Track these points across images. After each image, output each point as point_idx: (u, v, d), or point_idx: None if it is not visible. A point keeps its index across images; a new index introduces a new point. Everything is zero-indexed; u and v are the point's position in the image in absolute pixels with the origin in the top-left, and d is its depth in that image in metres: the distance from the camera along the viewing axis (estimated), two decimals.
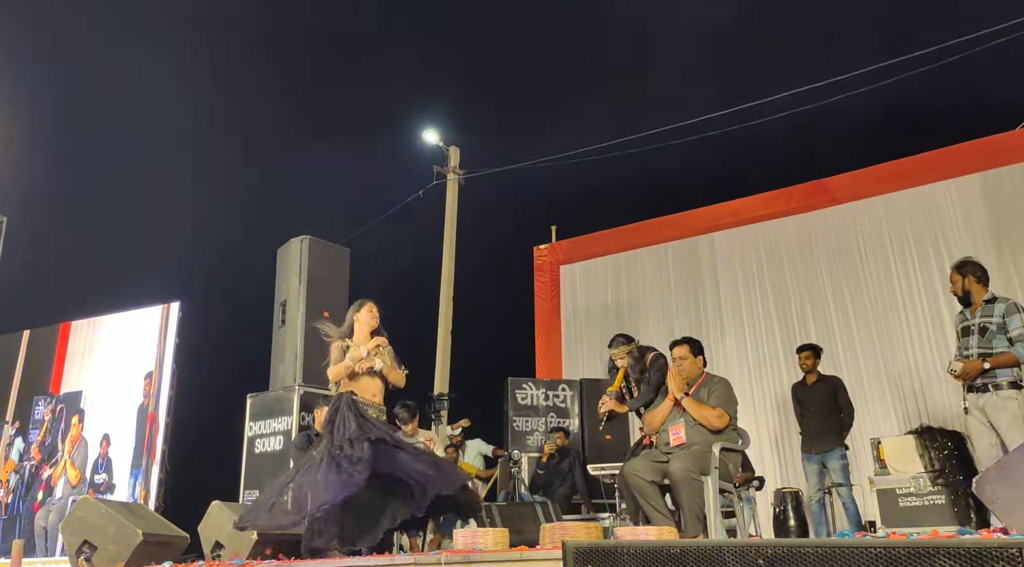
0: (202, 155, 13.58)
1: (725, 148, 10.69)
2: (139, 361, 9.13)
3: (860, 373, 8.32)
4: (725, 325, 9.41)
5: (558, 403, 9.00)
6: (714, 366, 6.86)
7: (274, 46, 14.37)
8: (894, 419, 8.04)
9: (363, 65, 15.35)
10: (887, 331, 8.39)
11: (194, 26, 13.90)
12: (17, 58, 11.81)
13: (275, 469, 6.88)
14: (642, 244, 10.40)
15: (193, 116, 13.45)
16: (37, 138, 12.06)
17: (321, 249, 7.62)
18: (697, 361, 4.75)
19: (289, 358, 7.26)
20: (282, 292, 7.63)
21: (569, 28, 14.35)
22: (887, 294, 8.51)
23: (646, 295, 10.15)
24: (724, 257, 9.69)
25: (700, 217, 10.06)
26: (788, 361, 8.57)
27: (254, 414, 7.31)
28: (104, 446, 8.99)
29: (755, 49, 13.20)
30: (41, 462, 9.38)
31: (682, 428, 4.50)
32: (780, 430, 8.56)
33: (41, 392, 9.86)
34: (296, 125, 14.45)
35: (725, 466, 4.37)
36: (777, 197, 9.56)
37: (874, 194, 8.91)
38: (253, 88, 14.33)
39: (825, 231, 9.11)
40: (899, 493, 5.89)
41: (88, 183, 13.10)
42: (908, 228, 8.59)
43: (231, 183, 13.72)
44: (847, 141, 11.69)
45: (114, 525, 4.54)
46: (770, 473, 8.11)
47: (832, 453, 6.40)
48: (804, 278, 9.07)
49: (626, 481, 4.44)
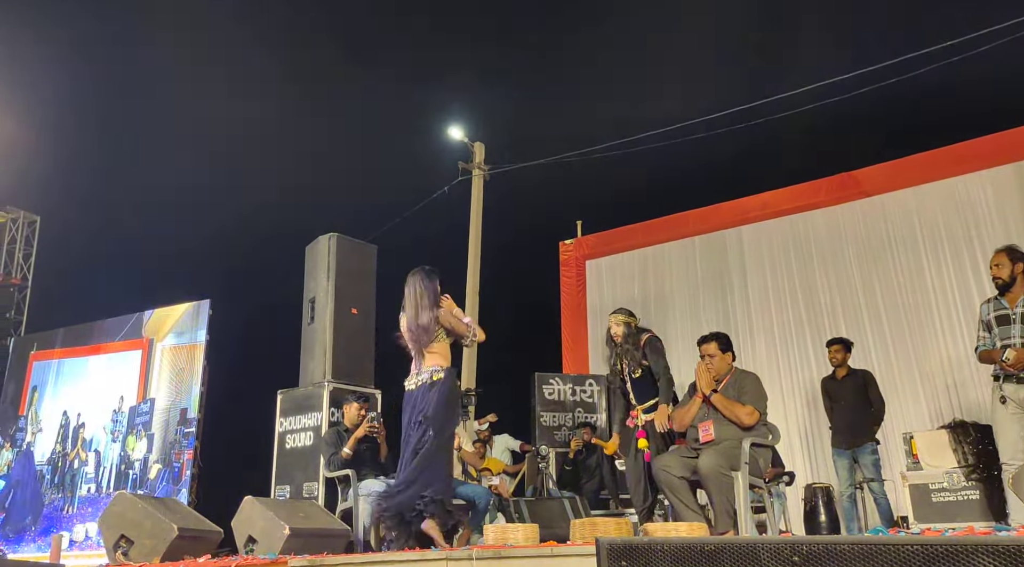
0: (233, 155, 13.72)
1: (752, 141, 10.60)
2: (171, 358, 9.26)
3: (891, 367, 8.24)
4: (753, 319, 9.34)
5: (585, 398, 9.00)
6: (743, 361, 6.80)
7: (299, 45, 14.47)
8: (926, 413, 7.95)
9: (386, 64, 15.40)
10: (918, 325, 8.30)
11: (213, 27, 14.02)
12: (51, 61, 12.00)
13: (305, 465, 6.95)
14: (668, 238, 10.36)
15: (223, 117, 13.58)
16: (72, 140, 12.26)
17: (349, 246, 7.66)
18: (726, 357, 4.72)
19: (318, 354, 7.31)
20: (311, 289, 7.67)
21: (596, 23, 14.31)
22: (918, 287, 8.41)
23: (673, 290, 10.11)
24: (752, 251, 9.62)
25: (727, 211, 10.00)
26: (818, 355, 8.50)
27: (284, 410, 7.37)
28: (137, 441, 9.14)
29: (780, 41, 13.08)
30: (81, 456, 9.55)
31: (711, 425, 4.48)
32: (810, 425, 8.49)
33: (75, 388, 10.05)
34: (322, 124, 14.55)
35: (755, 461, 4.35)
36: (805, 190, 9.47)
37: (904, 186, 8.80)
38: (280, 89, 14.44)
39: (855, 224, 9.02)
40: (932, 488, 5.82)
41: (121, 183, 13.28)
42: (940, 220, 8.47)
43: (261, 182, 13.86)
44: (877, 132, 11.55)
45: (150, 520, 4.60)
46: (800, 468, 8.06)
47: (864, 448, 6.34)
48: (833, 271, 8.99)
49: (657, 477, 4.44)
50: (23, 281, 11.52)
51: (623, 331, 5.29)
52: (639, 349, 5.18)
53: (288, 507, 5.11)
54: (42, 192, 12.11)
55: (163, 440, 8.97)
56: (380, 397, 7.27)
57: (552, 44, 14.54)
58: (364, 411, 6.24)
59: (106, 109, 13.25)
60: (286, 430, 7.27)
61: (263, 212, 13.75)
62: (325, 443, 6.18)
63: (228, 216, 13.44)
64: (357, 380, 7.28)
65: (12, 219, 11.72)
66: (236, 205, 13.65)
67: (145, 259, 12.52)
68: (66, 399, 10.04)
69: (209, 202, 13.57)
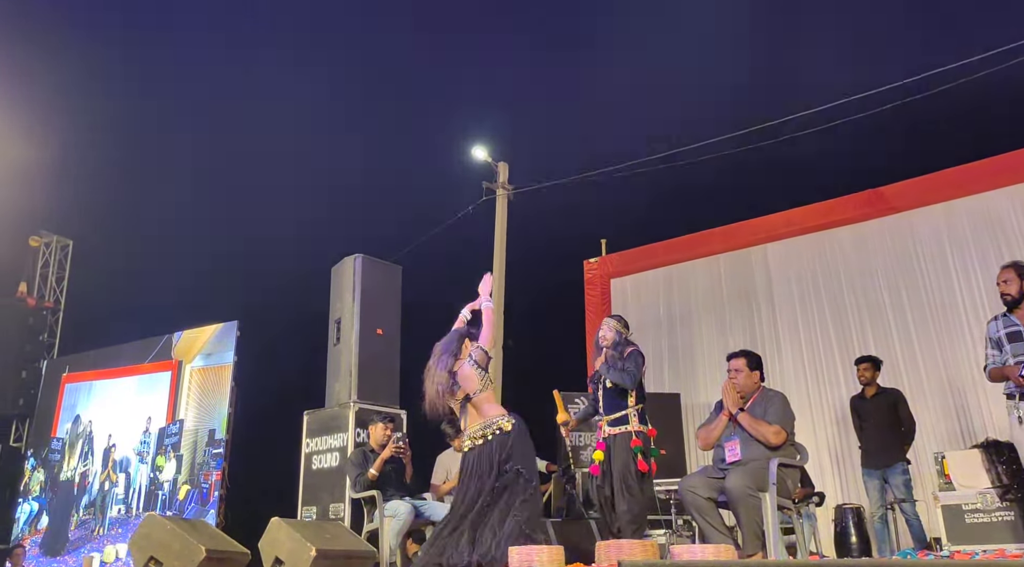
0: (261, 178, 13.91)
1: (776, 158, 10.54)
2: (201, 379, 9.36)
3: (921, 385, 8.11)
4: (781, 337, 9.26)
5: None
6: (771, 380, 6.75)
7: (327, 64, 14.66)
8: (958, 433, 7.81)
9: (411, 86, 15.56)
10: (949, 342, 8.17)
11: (241, 51, 14.27)
12: (84, 89, 12.26)
13: (332, 485, 6.98)
14: (693, 256, 10.31)
15: (251, 141, 13.79)
16: (103, 165, 12.49)
17: (374, 267, 7.73)
18: (753, 375, 4.68)
19: (344, 375, 7.36)
20: (336, 310, 7.74)
21: (617, 36, 14.36)
22: (948, 304, 8.29)
23: (699, 308, 10.05)
24: (779, 268, 9.55)
25: (752, 228, 9.94)
26: (847, 374, 8.40)
27: (311, 431, 7.42)
28: (166, 462, 9.22)
29: (804, 57, 13.04)
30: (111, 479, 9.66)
31: (737, 444, 4.45)
32: (840, 444, 8.38)
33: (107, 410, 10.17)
34: (346, 147, 14.70)
35: (783, 482, 4.31)
36: (832, 207, 9.40)
37: (932, 202, 8.70)
38: (307, 113, 14.61)
39: (882, 241, 8.93)
40: (965, 509, 5.71)
41: (151, 207, 13.50)
42: (969, 236, 8.36)
43: (287, 204, 14.01)
44: (905, 147, 11.45)
45: (179, 541, 4.65)
46: (830, 488, 7.95)
47: (894, 468, 6.25)
48: (861, 289, 8.89)
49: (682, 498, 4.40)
50: (56, 304, 11.72)
51: (613, 337, 5.27)
52: (623, 358, 5.14)
53: (315, 528, 5.13)
54: (74, 217, 12.34)
55: (192, 461, 9.05)
56: (405, 417, 7.30)
57: (575, 61, 14.61)
58: (390, 431, 6.27)
59: (137, 134, 13.50)
60: (312, 451, 7.31)
61: (289, 234, 13.91)
62: (351, 463, 6.21)
63: (255, 238, 13.61)
64: (382, 400, 7.32)
65: (46, 243, 11.94)
66: (263, 227, 13.82)
67: (174, 281, 12.69)
68: (97, 421, 10.17)
69: (237, 224, 13.74)
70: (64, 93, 11.88)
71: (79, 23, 12.92)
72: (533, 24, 15.02)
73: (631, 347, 5.22)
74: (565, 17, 14.90)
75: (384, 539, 5.63)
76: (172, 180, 13.73)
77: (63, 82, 11.90)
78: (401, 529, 5.68)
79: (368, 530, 5.89)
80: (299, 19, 14.68)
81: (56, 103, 11.73)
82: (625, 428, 5.02)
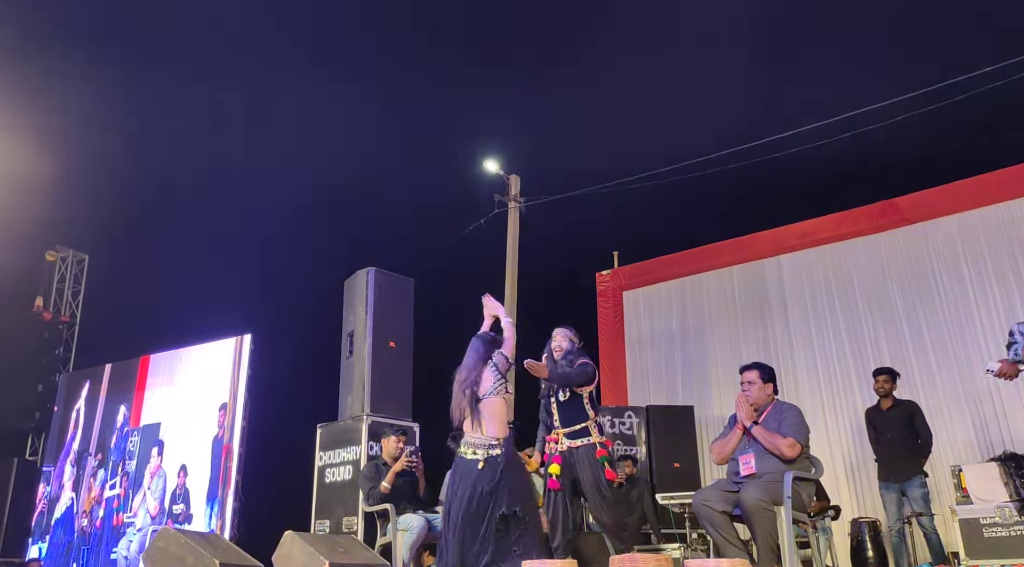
0: (272, 193, 13.99)
1: (788, 169, 10.52)
2: (214, 393, 9.39)
3: (937, 398, 8.05)
4: (795, 350, 9.22)
5: (624, 430, 8.92)
6: (785, 392, 6.71)
7: (342, 80, 14.75)
8: (975, 445, 7.74)
9: (422, 98, 15.64)
10: (965, 354, 8.12)
11: (255, 64, 14.38)
12: (98, 106, 12.38)
13: (345, 499, 6.97)
14: (706, 268, 10.31)
15: (265, 155, 13.89)
16: (118, 180, 12.58)
17: (386, 280, 7.75)
18: (766, 387, 4.65)
19: (357, 388, 7.37)
20: (349, 323, 7.76)
21: (629, 49, 14.38)
22: (964, 315, 8.24)
23: (712, 320, 10.03)
24: (791, 280, 9.52)
25: (765, 240, 9.93)
26: (861, 386, 8.36)
27: (324, 444, 7.43)
28: (182, 477, 9.25)
29: (815, 68, 13.03)
30: (127, 493, 9.69)
31: (752, 457, 4.42)
32: (855, 457, 8.32)
33: (122, 425, 10.22)
34: (359, 159, 14.77)
35: (799, 495, 4.27)
36: (845, 218, 9.38)
37: (947, 213, 8.68)
38: (320, 127, 14.71)
39: (896, 252, 8.90)
40: (983, 523, 5.65)
41: (164, 221, 13.60)
42: (984, 247, 8.32)
43: (299, 218, 14.08)
44: (915, 159, 11.41)
45: (193, 555, 4.66)
46: (846, 502, 7.89)
47: (912, 481, 6.19)
48: (876, 300, 8.85)
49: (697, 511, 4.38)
50: (71, 318, 11.80)
51: (567, 346, 5.23)
52: (571, 366, 5.08)
53: (328, 542, 5.13)
54: (90, 231, 12.45)
55: (205, 474, 9.07)
56: (418, 430, 7.30)
57: (586, 77, 14.65)
58: (402, 444, 6.26)
59: (151, 149, 13.61)
60: (325, 464, 7.32)
61: (302, 247, 13.97)
62: (364, 476, 6.21)
63: (268, 252, 13.69)
64: (395, 413, 7.32)
65: (62, 258, 12.04)
66: (275, 241, 13.89)
67: (188, 295, 12.75)
68: (112, 434, 10.21)
69: (249, 239, 13.82)
70: (81, 110, 12.00)
71: (100, 40, 13.07)
72: (545, 37, 15.08)
73: (583, 358, 5.15)
74: (577, 30, 14.96)
75: (397, 552, 5.62)
76: (186, 195, 13.83)
77: (81, 99, 12.02)
78: (414, 542, 5.67)
79: (381, 544, 5.88)
80: (313, 34, 14.79)
81: (73, 119, 11.85)
82: (587, 440, 4.96)
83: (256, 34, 13.97)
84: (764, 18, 12.42)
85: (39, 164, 10.77)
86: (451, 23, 14.58)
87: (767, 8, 12.12)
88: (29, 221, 11.27)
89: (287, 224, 13.98)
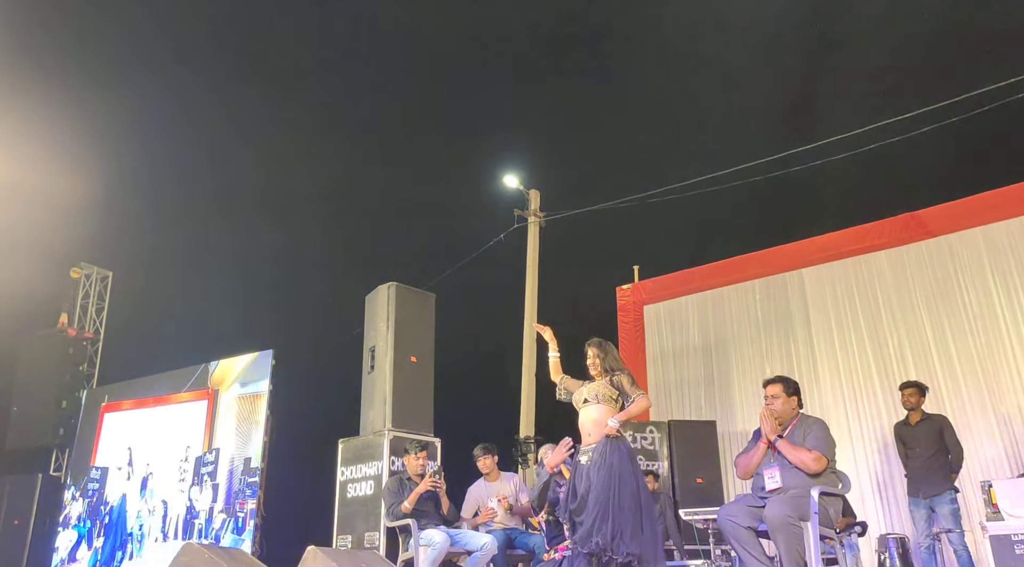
0: (294, 210, 14.12)
1: (809, 183, 10.48)
2: (236, 409, 9.43)
3: (965, 412, 7.93)
4: (819, 364, 9.12)
5: (646, 445, 8.85)
6: (810, 406, 6.64)
7: (366, 98, 14.90)
8: (1005, 460, 7.61)
9: (444, 115, 15.73)
10: (992, 368, 8.00)
11: (279, 91, 14.55)
12: (124, 124, 12.56)
13: (367, 514, 6.96)
14: (727, 282, 10.23)
15: (288, 174, 14.03)
16: (142, 198, 12.76)
17: (407, 294, 7.76)
18: (791, 401, 4.61)
19: (378, 403, 7.37)
20: (371, 338, 7.77)
21: (650, 66, 14.41)
22: (991, 328, 8.13)
23: (735, 334, 9.95)
24: (815, 294, 9.44)
25: (787, 253, 9.85)
26: (888, 400, 8.26)
27: (345, 459, 7.42)
28: (203, 490, 9.27)
29: (839, 84, 12.99)
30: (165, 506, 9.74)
31: (777, 472, 4.37)
32: (882, 472, 8.20)
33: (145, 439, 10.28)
34: (382, 176, 14.88)
35: (825, 511, 4.21)
36: (868, 231, 9.29)
37: (971, 226, 8.57)
38: (343, 143, 14.84)
39: (921, 265, 8.80)
40: (1015, 540, 5.53)
41: (188, 238, 13.74)
42: (1011, 259, 8.21)
43: (322, 233, 14.19)
44: (938, 171, 11.32)
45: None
46: (873, 518, 7.78)
47: (942, 497, 6.10)
48: (901, 314, 8.75)
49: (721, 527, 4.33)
50: (95, 335, 11.90)
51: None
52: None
53: (350, 557, 5.12)
54: (114, 248, 12.59)
55: (228, 489, 9.09)
56: (440, 445, 7.28)
57: (605, 92, 14.68)
58: (424, 459, 6.24)
59: (176, 168, 13.79)
60: (347, 479, 7.31)
61: (324, 263, 14.06)
62: (388, 491, 6.20)
63: (290, 267, 13.79)
64: (417, 428, 7.31)
65: (86, 275, 12.16)
66: (297, 257, 13.99)
67: (211, 311, 12.86)
68: (136, 450, 10.27)
69: (272, 254, 13.93)
70: (107, 129, 12.18)
71: (130, 61, 13.29)
72: (564, 54, 15.15)
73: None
74: (596, 48, 15.02)
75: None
76: (209, 213, 13.97)
77: (107, 118, 12.21)
78: (436, 558, 5.64)
79: (403, 559, 5.86)
80: (337, 55, 14.96)
81: (98, 137, 12.03)
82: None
83: (279, 53, 14.13)
84: (788, 36, 12.43)
85: (64, 182, 10.92)
86: (473, 41, 14.69)
87: (790, 25, 12.13)
88: (54, 238, 11.42)
89: (309, 241, 14.09)
